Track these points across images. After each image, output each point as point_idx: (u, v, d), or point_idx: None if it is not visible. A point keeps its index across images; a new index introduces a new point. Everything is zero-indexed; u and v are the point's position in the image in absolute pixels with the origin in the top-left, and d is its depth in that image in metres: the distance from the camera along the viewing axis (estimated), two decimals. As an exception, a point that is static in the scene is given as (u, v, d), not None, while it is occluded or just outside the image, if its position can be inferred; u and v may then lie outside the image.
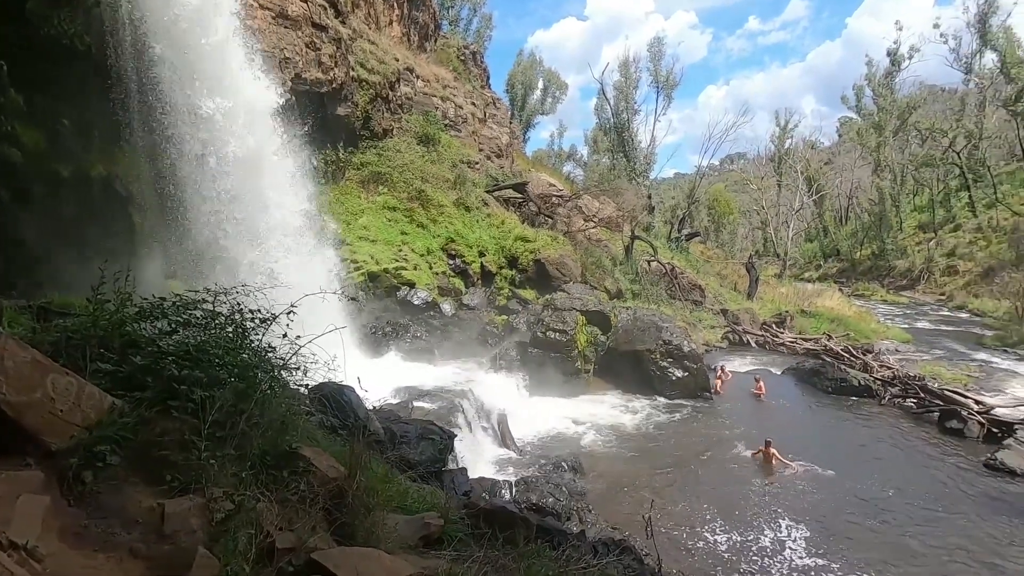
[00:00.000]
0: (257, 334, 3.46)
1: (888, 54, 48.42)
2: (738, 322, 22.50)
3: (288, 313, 3.59)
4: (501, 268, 17.84)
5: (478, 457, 9.38)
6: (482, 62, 34.68)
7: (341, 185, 18.33)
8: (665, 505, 8.56)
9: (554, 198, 24.58)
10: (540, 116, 51.09)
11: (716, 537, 7.80)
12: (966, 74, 45.01)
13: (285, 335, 3.55)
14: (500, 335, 15.43)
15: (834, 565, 6.99)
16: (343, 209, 17.32)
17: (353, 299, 12.11)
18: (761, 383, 14.86)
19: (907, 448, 11.39)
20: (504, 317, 16.19)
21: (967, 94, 46.00)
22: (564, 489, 8.18)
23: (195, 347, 2.95)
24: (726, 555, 7.38)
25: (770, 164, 56.37)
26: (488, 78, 35.34)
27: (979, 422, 11.97)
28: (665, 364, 14.41)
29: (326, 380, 4.49)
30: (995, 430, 11.72)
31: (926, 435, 12.07)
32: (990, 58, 41.57)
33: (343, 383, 5.04)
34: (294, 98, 15.29)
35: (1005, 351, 20.81)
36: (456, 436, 8.07)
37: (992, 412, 12.23)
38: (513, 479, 8.39)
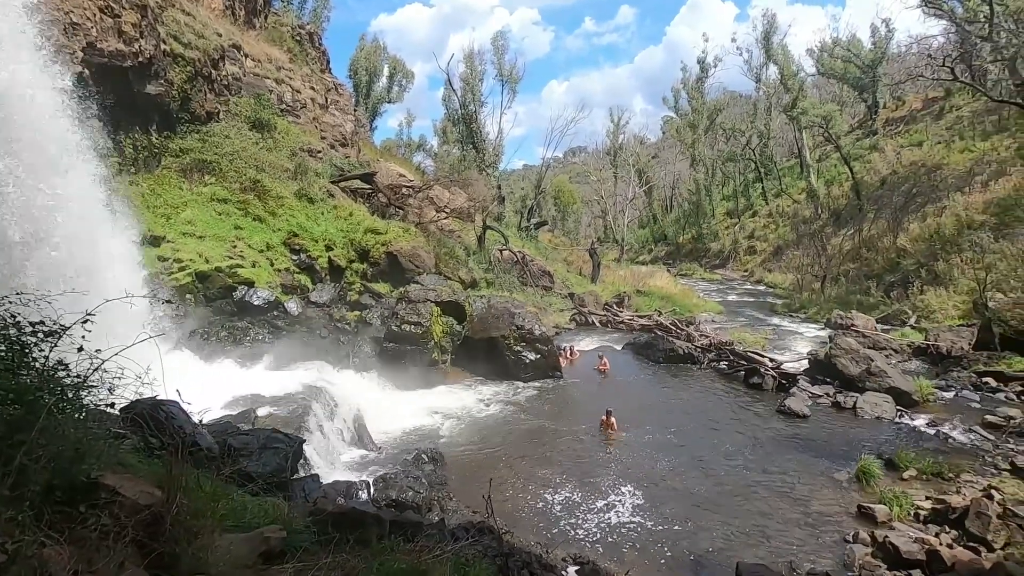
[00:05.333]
0: (42, 350, 2.94)
1: (698, 62, 54.96)
2: (584, 304, 24.22)
3: (84, 322, 3.09)
4: (351, 262, 17.12)
5: (333, 460, 8.98)
6: (320, 44, 32.63)
7: (157, 174, 16.11)
8: (518, 480, 8.96)
9: (404, 189, 24.14)
10: (387, 104, 49.61)
11: (556, 500, 8.31)
12: (757, 83, 52.83)
13: (81, 348, 3.06)
14: (353, 331, 14.87)
15: (648, 524, 7.73)
16: (161, 201, 15.26)
17: (169, 303, 10.67)
18: (605, 359, 16.21)
19: (721, 404, 13.26)
20: (356, 312, 15.60)
21: (758, 100, 54.07)
22: (424, 481, 8.17)
23: (-53, 373, 2.41)
24: (561, 516, 7.91)
25: (607, 157, 60.99)
26: (328, 62, 33.39)
27: (772, 376, 14.32)
28: (519, 348, 15.02)
29: (140, 396, 3.96)
30: (784, 382, 14.11)
31: (735, 391, 14.14)
32: (773, 70, 49.28)
33: (164, 398, 4.48)
34: (87, 71, 13.07)
35: (791, 316, 25.20)
36: (305, 441, 7.63)
37: (781, 367, 14.72)
38: (371, 478, 8.16)
